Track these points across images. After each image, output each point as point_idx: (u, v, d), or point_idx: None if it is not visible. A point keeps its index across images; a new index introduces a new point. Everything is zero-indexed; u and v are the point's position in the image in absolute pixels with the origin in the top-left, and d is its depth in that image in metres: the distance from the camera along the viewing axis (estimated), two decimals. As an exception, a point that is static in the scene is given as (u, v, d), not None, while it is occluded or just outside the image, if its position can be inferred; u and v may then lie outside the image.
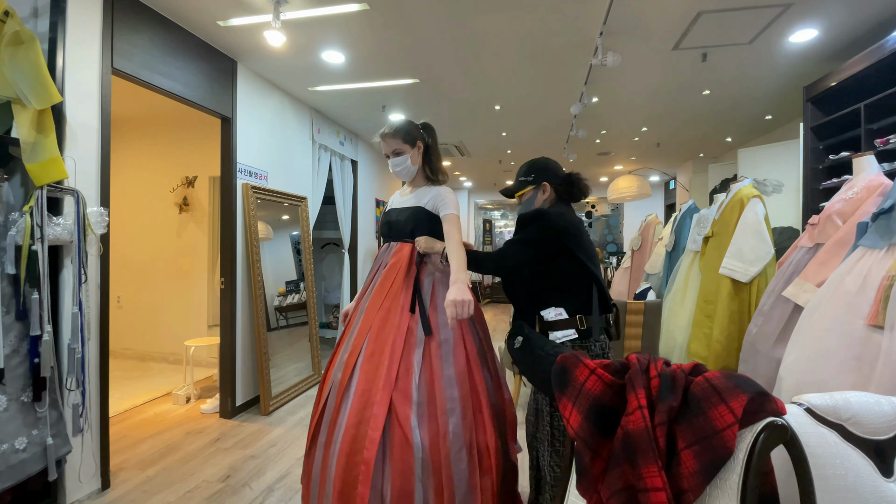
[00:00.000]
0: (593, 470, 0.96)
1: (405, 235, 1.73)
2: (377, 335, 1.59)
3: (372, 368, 1.54)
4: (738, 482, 0.75)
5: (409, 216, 1.72)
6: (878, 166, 2.01)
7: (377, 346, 1.57)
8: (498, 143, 5.62)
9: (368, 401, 1.48)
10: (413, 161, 1.76)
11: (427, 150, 1.80)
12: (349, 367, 1.57)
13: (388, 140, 1.75)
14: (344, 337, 1.70)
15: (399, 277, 1.67)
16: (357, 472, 1.43)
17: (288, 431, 2.95)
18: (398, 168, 1.77)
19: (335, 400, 1.55)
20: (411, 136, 1.75)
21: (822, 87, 3.06)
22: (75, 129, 2.11)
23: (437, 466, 1.46)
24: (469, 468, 1.48)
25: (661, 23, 2.71)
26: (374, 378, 1.52)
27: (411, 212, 1.72)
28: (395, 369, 1.52)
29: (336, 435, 1.49)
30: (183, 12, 2.59)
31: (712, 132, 5.16)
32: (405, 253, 1.70)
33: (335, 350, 1.71)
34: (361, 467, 1.42)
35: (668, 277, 3.95)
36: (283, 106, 3.83)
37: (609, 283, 8.41)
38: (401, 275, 1.67)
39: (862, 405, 0.84)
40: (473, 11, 2.57)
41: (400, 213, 1.76)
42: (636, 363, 0.96)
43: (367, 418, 1.46)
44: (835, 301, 1.54)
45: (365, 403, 1.48)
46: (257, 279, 3.34)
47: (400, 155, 1.75)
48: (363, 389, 1.51)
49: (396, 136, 1.73)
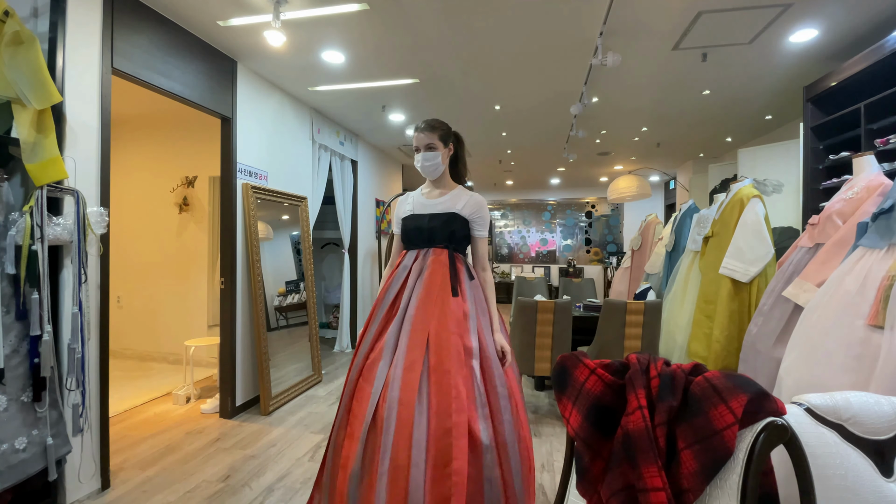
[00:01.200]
0: (593, 470, 0.96)
1: (442, 241, 1.74)
2: (437, 346, 1.56)
3: (440, 380, 1.50)
4: (738, 482, 0.75)
5: (445, 222, 1.74)
6: (878, 166, 2.01)
7: (440, 358, 1.53)
8: (498, 143, 5.62)
9: (445, 412, 1.45)
10: (444, 160, 1.80)
11: (455, 154, 1.87)
12: (413, 383, 1.49)
13: (425, 133, 1.77)
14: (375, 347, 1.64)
15: (444, 284, 1.67)
16: (450, 485, 1.38)
17: (288, 431, 2.94)
18: (428, 163, 1.77)
19: (395, 420, 1.45)
20: (446, 136, 1.80)
21: (822, 87, 3.06)
22: (75, 129, 2.11)
23: (499, 466, 1.49)
24: (521, 462, 1.53)
25: (661, 23, 2.71)
26: (447, 389, 1.48)
27: (447, 218, 1.75)
28: (460, 379, 1.51)
29: (388, 454, 1.41)
30: (183, 12, 2.59)
31: (712, 132, 5.16)
32: (444, 259, 1.72)
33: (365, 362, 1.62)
34: (454, 478, 1.38)
35: (668, 277, 3.96)
36: (282, 106, 3.83)
37: (609, 283, 8.41)
38: (445, 281, 1.68)
39: (862, 405, 0.84)
40: (473, 12, 2.57)
41: (434, 219, 1.75)
42: (636, 363, 0.96)
43: (448, 429, 1.43)
44: (835, 301, 1.55)
45: (443, 416, 1.45)
46: (257, 279, 3.34)
47: (432, 150, 1.76)
48: (437, 402, 1.47)
49: (434, 132, 1.77)
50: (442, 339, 1.55)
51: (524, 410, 1.66)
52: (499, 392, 1.56)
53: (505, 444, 1.50)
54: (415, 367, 1.51)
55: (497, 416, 1.52)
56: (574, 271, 9.04)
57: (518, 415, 1.59)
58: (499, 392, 1.56)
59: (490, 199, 10.09)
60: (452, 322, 1.59)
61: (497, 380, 1.58)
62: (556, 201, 9.71)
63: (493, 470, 1.46)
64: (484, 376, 1.58)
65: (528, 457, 1.59)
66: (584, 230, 9.58)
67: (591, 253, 9.49)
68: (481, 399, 1.52)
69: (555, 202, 9.72)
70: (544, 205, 9.78)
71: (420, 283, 1.68)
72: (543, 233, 9.78)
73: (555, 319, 3.00)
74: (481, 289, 1.78)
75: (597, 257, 9.42)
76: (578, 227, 9.61)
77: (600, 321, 3.06)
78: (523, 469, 1.54)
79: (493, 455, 1.47)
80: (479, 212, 1.77)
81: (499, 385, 1.57)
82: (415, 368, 1.51)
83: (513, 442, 1.52)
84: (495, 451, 1.48)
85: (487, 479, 1.44)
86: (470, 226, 1.78)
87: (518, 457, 1.53)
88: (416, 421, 1.43)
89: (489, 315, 1.73)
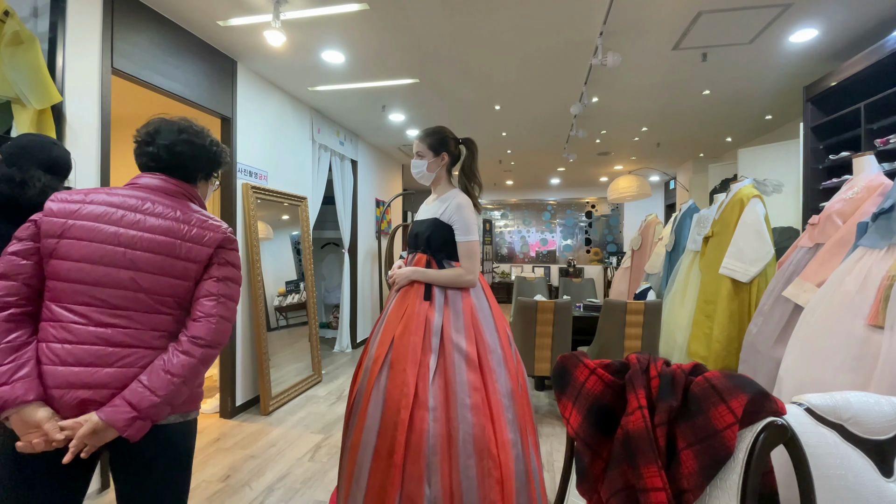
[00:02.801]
0: (593, 470, 0.96)
1: (421, 246, 1.77)
2: (399, 342, 1.63)
3: (395, 375, 1.57)
4: (738, 482, 0.75)
5: (427, 227, 1.76)
6: (878, 166, 2.01)
7: (398, 353, 1.61)
8: (498, 143, 5.62)
9: (395, 407, 1.53)
10: (430, 168, 1.78)
11: (453, 162, 1.83)
12: (373, 374, 1.62)
13: (417, 140, 1.80)
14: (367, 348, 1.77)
15: (419, 288, 1.71)
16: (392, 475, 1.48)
17: (288, 431, 2.95)
18: (415, 171, 1.81)
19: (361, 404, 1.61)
20: (438, 144, 1.78)
21: (822, 87, 3.06)
22: (75, 129, 2.11)
23: (444, 472, 1.48)
24: (479, 478, 1.47)
25: (661, 23, 2.71)
26: (400, 385, 1.55)
27: (429, 223, 1.76)
28: (414, 376, 1.55)
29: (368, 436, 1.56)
30: (183, 12, 2.59)
31: (712, 132, 5.16)
32: (420, 264, 1.75)
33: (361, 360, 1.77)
34: (393, 470, 1.48)
35: (668, 277, 3.96)
36: (283, 106, 3.83)
37: (609, 283, 8.41)
38: (420, 286, 1.71)
39: (862, 405, 0.84)
40: (473, 12, 2.57)
41: (421, 225, 1.80)
42: (636, 363, 0.96)
43: (395, 423, 1.51)
44: (835, 301, 1.55)
45: (394, 409, 1.53)
46: (257, 279, 3.34)
47: (420, 158, 1.79)
48: (389, 396, 1.55)
49: (423, 141, 1.78)
50: (404, 339, 1.62)
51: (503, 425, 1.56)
52: (458, 399, 1.53)
53: (448, 450, 1.49)
54: (377, 362, 1.63)
55: (453, 422, 1.51)
56: (574, 271, 9.05)
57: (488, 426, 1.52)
58: (458, 399, 1.53)
59: (490, 199, 10.09)
60: (414, 324, 1.63)
61: (457, 386, 1.54)
62: (556, 201, 9.72)
63: (435, 473, 1.47)
64: (445, 380, 1.57)
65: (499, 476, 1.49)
66: (584, 230, 9.59)
67: (591, 253, 9.49)
68: (434, 402, 1.54)
69: (555, 202, 9.72)
70: (544, 205, 9.78)
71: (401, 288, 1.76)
72: (543, 233, 9.78)
73: (555, 319, 3.00)
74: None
75: (597, 257, 9.42)
76: (578, 227, 9.62)
77: (600, 321, 3.06)
78: (483, 484, 1.46)
79: (435, 455, 1.49)
80: (455, 214, 1.71)
81: (460, 391, 1.53)
82: (377, 362, 1.63)
83: (468, 454, 1.47)
84: (437, 454, 1.49)
85: (427, 481, 1.46)
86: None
87: (473, 471, 1.47)
88: (371, 412, 1.57)
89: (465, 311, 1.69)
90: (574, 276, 7.73)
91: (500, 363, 1.64)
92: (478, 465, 1.48)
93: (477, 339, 1.63)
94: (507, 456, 1.51)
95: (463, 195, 1.76)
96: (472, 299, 1.70)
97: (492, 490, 1.46)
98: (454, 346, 1.60)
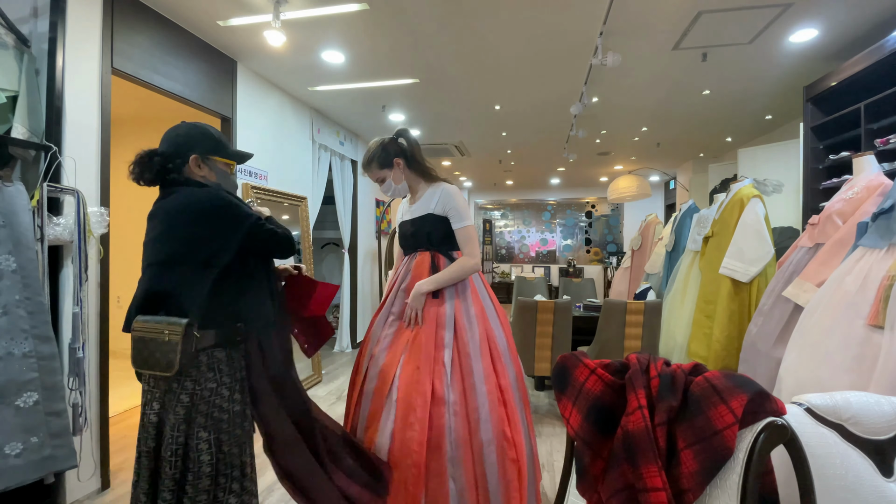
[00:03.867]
0: (593, 470, 0.96)
1: (423, 244, 1.76)
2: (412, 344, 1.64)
3: (409, 374, 1.59)
4: (738, 482, 0.75)
5: (421, 224, 1.76)
6: (878, 166, 2.01)
7: (411, 353, 1.63)
8: (498, 143, 5.62)
9: (410, 405, 1.54)
10: (396, 180, 1.78)
11: (408, 159, 1.79)
12: (388, 376, 1.62)
13: (368, 173, 1.81)
14: (365, 348, 1.77)
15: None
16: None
17: (288, 431, 2.94)
18: (387, 192, 1.82)
19: (369, 407, 1.64)
20: (385, 158, 1.76)
21: (822, 87, 3.06)
22: (75, 129, 2.11)
23: (468, 462, 1.51)
24: (499, 462, 1.52)
25: (661, 23, 2.71)
26: (415, 383, 1.56)
27: (422, 220, 1.76)
28: (430, 376, 1.57)
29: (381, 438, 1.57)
30: (183, 12, 2.59)
31: (712, 132, 5.16)
32: (425, 262, 1.74)
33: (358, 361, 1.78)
34: (413, 469, 1.49)
35: (668, 277, 3.95)
36: (282, 106, 3.83)
37: (609, 283, 8.41)
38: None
39: (862, 405, 0.84)
40: (473, 12, 2.57)
41: (413, 224, 1.79)
42: (636, 363, 0.96)
43: (411, 423, 1.52)
44: (835, 301, 1.54)
45: (406, 409, 1.54)
46: (257, 279, 3.33)
47: (384, 181, 1.79)
48: (403, 396, 1.56)
49: (372, 167, 1.77)
50: (417, 340, 1.64)
51: (516, 409, 1.63)
52: (476, 389, 1.56)
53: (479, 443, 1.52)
54: (392, 364, 1.65)
55: (472, 412, 1.54)
56: (574, 271, 9.05)
57: (504, 412, 1.58)
58: (476, 389, 1.56)
59: (490, 199, 10.09)
60: (426, 324, 1.65)
61: (475, 376, 1.58)
62: (556, 201, 9.72)
63: (457, 467, 1.51)
64: (461, 374, 1.59)
65: (514, 457, 1.54)
66: (584, 230, 9.59)
67: (591, 253, 9.50)
68: (453, 396, 1.56)
69: (555, 202, 9.72)
70: (544, 205, 9.78)
71: (404, 286, 1.75)
72: (543, 233, 9.78)
73: (555, 319, 3.00)
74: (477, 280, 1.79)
75: (597, 257, 9.42)
76: (578, 227, 9.62)
77: (600, 321, 3.06)
78: (502, 466, 1.52)
79: (456, 452, 1.51)
80: (449, 203, 1.71)
81: (477, 382, 1.57)
82: (392, 364, 1.65)
83: (489, 440, 1.53)
84: (461, 447, 1.51)
85: (450, 475, 1.50)
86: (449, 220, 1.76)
87: (494, 456, 1.52)
88: (385, 413, 1.58)
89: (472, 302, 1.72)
90: (574, 276, 7.73)
91: (505, 348, 1.70)
92: (497, 449, 1.52)
93: (486, 326, 1.68)
94: (519, 436, 1.56)
95: (446, 184, 1.77)
96: (476, 287, 1.75)
97: (509, 470, 1.52)
98: (468, 336, 1.63)
